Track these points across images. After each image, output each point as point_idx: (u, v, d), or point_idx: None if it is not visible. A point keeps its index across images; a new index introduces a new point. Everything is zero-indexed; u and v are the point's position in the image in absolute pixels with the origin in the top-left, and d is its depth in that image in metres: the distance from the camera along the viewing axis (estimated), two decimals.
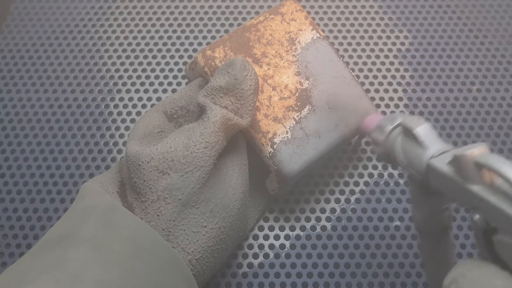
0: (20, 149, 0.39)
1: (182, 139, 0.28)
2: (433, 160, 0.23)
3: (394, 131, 0.27)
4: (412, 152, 0.25)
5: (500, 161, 0.20)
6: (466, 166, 0.21)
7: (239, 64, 0.30)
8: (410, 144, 0.25)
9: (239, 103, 0.30)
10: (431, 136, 0.25)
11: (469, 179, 0.21)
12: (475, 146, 0.21)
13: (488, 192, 0.20)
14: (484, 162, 0.20)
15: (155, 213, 0.28)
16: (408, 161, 0.25)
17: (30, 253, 0.27)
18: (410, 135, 0.25)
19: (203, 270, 0.29)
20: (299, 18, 0.35)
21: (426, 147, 0.24)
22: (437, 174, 0.23)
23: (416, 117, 0.26)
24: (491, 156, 0.20)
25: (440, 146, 0.24)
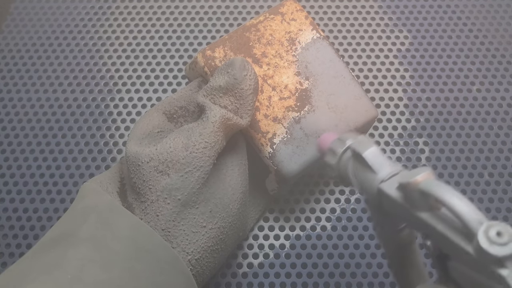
0: (20, 149, 0.39)
1: (181, 139, 0.28)
2: (383, 184, 0.23)
3: (345, 154, 0.26)
4: (362, 176, 0.24)
5: (443, 189, 0.19)
6: (412, 193, 0.21)
7: (238, 64, 0.30)
8: (360, 168, 0.24)
9: (239, 103, 0.30)
10: (379, 159, 0.24)
11: (416, 206, 0.21)
12: (420, 172, 0.21)
13: (435, 219, 0.20)
14: (427, 190, 0.20)
15: (154, 213, 0.28)
16: (359, 185, 0.25)
17: (30, 253, 0.27)
18: (359, 159, 0.24)
19: (202, 270, 0.29)
20: (299, 18, 0.35)
21: (375, 171, 0.23)
22: (388, 199, 0.22)
23: (364, 139, 0.25)
24: (434, 184, 0.20)
25: (389, 170, 0.23)
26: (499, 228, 0.17)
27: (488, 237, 0.17)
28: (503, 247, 0.17)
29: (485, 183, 0.38)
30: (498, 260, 0.17)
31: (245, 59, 0.30)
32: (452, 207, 0.19)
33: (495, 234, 0.17)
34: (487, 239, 0.17)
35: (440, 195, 0.19)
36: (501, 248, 0.17)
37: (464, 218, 0.18)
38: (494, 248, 0.17)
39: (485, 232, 0.17)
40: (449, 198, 0.19)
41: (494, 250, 0.17)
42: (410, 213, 0.21)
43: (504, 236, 0.17)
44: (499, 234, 0.17)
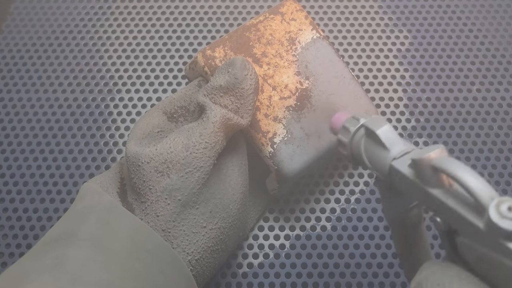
0: (20, 149, 0.39)
1: (181, 140, 0.28)
2: (395, 162, 0.23)
3: (358, 132, 0.26)
4: (375, 154, 0.24)
5: (455, 165, 0.19)
6: (424, 170, 0.21)
7: (239, 64, 0.30)
8: (373, 146, 0.25)
9: (239, 103, 0.30)
10: (392, 137, 0.24)
11: (428, 183, 0.21)
12: (433, 148, 0.21)
13: (446, 195, 0.20)
14: (440, 166, 0.20)
15: (154, 213, 0.28)
16: (371, 163, 0.25)
17: (30, 253, 0.27)
18: (373, 137, 0.25)
19: (203, 270, 0.29)
20: (299, 18, 0.35)
21: (388, 149, 0.24)
22: (399, 176, 0.23)
23: (378, 118, 0.25)
24: (447, 160, 0.20)
25: (401, 147, 0.24)
26: (511, 204, 0.18)
27: (499, 212, 0.18)
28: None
29: None
30: (508, 234, 0.17)
31: (246, 59, 0.30)
32: (464, 183, 0.19)
33: (506, 209, 0.17)
34: (498, 214, 0.18)
35: (453, 171, 0.19)
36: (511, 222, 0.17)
37: (476, 193, 0.18)
38: (504, 222, 0.17)
39: (496, 207, 0.18)
40: (462, 174, 0.19)
41: (505, 224, 0.17)
42: (421, 189, 0.21)
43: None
44: (510, 208, 0.17)
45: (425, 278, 0.20)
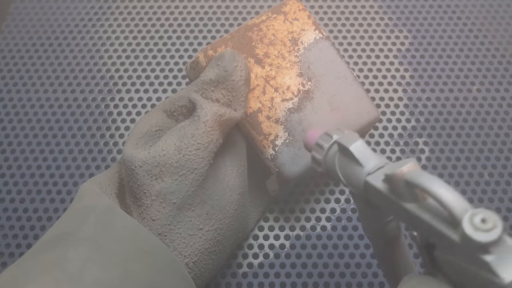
0: (20, 149, 0.39)
1: (173, 141, 0.28)
2: (369, 177, 0.23)
3: (331, 149, 0.26)
4: (349, 170, 0.24)
5: (428, 179, 0.19)
6: (397, 185, 0.21)
7: (228, 56, 0.29)
8: (347, 162, 0.25)
9: (231, 95, 0.29)
10: (366, 152, 0.24)
11: (402, 197, 0.21)
12: (406, 163, 0.21)
13: (421, 210, 0.20)
14: (412, 180, 0.20)
15: (150, 218, 0.28)
16: (346, 179, 0.25)
17: (30, 253, 0.27)
18: (346, 153, 0.24)
19: (201, 272, 0.29)
20: (302, 17, 0.34)
21: (361, 165, 0.24)
22: (375, 191, 0.23)
23: (350, 134, 0.25)
24: (420, 174, 0.20)
25: (375, 162, 0.24)
26: (484, 215, 0.18)
27: (473, 224, 0.18)
28: (488, 233, 0.17)
29: (485, 183, 0.38)
30: (483, 246, 0.17)
31: (235, 51, 0.30)
32: (437, 196, 0.19)
33: (479, 221, 0.17)
34: (472, 226, 0.18)
35: (426, 185, 0.19)
36: (485, 235, 0.17)
37: (450, 207, 0.18)
38: (478, 234, 0.17)
39: (470, 219, 0.18)
40: (434, 188, 0.19)
41: (479, 236, 0.17)
42: (396, 204, 0.21)
43: (488, 223, 0.17)
44: (484, 220, 0.17)
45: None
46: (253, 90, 0.32)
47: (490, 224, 0.17)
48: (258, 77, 0.33)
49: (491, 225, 0.17)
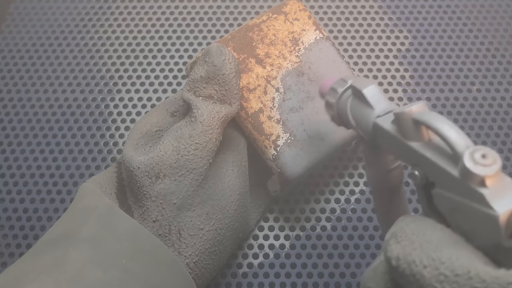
0: (20, 149, 0.39)
1: (171, 142, 0.28)
2: (378, 119, 0.24)
3: (345, 93, 0.27)
4: (360, 112, 0.25)
5: (435, 118, 0.20)
6: (405, 124, 0.22)
7: (214, 50, 0.29)
8: (359, 105, 0.26)
9: (224, 89, 0.29)
10: (378, 96, 0.25)
11: (409, 136, 0.22)
12: (415, 103, 0.22)
13: (425, 148, 0.21)
14: (420, 118, 0.21)
15: (151, 219, 0.28)
16: (356, 121, 0.26)
17: (30, 253, 0.27)
18: (359, 96, 0.25)
19: (201, 272, 0.29)
20: (303, 17, 0.34)
21: (372, 107, 0.25)
22: (382, 132, 0.24)
23: (365, 79, 0.26)
24: (427, 113, 0.21)
25: (385, 106, 0.25)
26: (485, 151, 0.18)
27: (473, 159, 0.18)
28: (487, 167, 0.18)
29: None
30: (481, 179, 0.18)
31: (221, 45, 0.30)
32: (442, 133, 0.20)
33: (480, 156, 0.18)
34: (472, 160, 0.18)
35: (432, 122, 0.20)
36: (484, 168, 0.18)
37: (452, 142, 0.19)
38: (478, 168, 0.18)
39: (471, 154, 0.18)
40: (440, 125, 0.20)
41: (478, 169, 0.18)
42: (402, 144, 0.22)
43: (488, 158, 0.18)
44: (484, 156, 0.18)
45: (400, 228, 0.20)
46: (254, 90, 0.32)
47: (489, 159, 0.18)
48: (259, 77, 0.33)
49: (491, 161, 0.18)
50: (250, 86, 0.32)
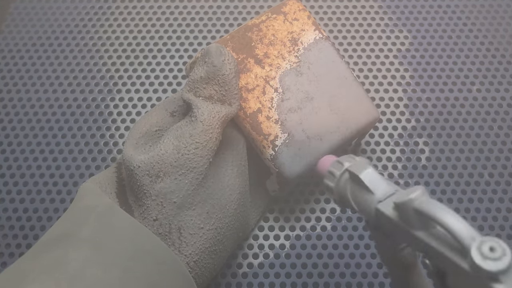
0: (20, 149, 0.39)
1: (172, 141, 0.28)
2: (380, 205, 0.23)
3: (343, 176, 0.26)
4: (360, 197, 0.25)
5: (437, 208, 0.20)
6: (407, 212, 0.21)
7: (214, 51, 0.29)
8: (358, 189, 0.25)
9: (224, 90, 0.29)
10: (376, 180, 0.24)
11: (412, 225, 0.21)
12: (414, 190, 0.21)
13: (431, 237, 0.21)
14: (421, 209, 0.20)
15: (151, 218, 0.28)
16: (358, 206, 0.25)
17: (30, 253, 0.27)
18: (357, 180, 0.25)
19: (201, 272, 0.29)
20: (302, 18, 0.34)
21: (372, 192, 0.24)
22: (386, 219, 0.23)
23: (361, 161, 0.25)
24: (428, 203, 0.20)
25: (385, 190, 0.24)
26: (492, 244, 0.18)
27: (482, 253, 0.18)
28: (497, 261, 0.17)
29: (485, 183, 0.38)
30: (493, 275, 0.17)
31: (220, 45, 0.30)
32: (445, 225, 0.19)
33: (488, 250, 0.17)
34: (480, 255, 0.18)
35: (434, 213, 0.20)
36: (494, 263, 0.17)
37: (458, 235, 0.19)
38: (487, 263, 0.17)
39: (478, 248, 0.18)
40: (442, 216, 0.19)
41: (488, 265, 0.17)
42: (407, 232, 0.21)
43: (497, 251, 0.17)
44: (492, 249, 0.17)
45: None
46: (253, 90, 0.32)
47: (499, 252, 0.17)
48: (258, 78, 0.33)
49: (500, 254, 0.17)
50: (249, 86, 0.32)
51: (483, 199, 0.37)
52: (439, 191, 0.37)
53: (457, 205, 0.37)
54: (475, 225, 0.36)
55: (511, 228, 0.36)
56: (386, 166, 0.38)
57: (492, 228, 0.36)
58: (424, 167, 0.38)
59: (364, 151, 0.39)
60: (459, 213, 0.36)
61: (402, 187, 0.37)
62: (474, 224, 0.36)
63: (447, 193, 0.37)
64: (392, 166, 0.38)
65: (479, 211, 0.37)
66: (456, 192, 0.37)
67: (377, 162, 0.38)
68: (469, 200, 0.37)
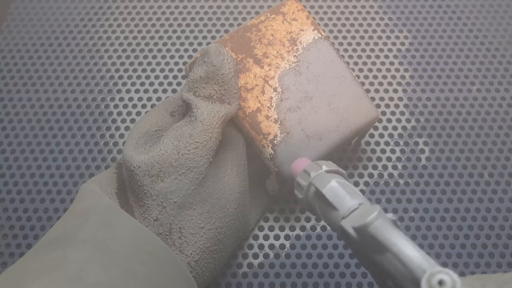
0: (20, 149, 0.39)
1: (172, 141, 0.28)
2: (344, 222, 0.22)
3: (310, 188, 0.25)
4: (327, 212, 0.23)
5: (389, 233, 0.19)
6: (365, 235, 0.20)
7: (213, 51, 0.29)
8: (323, 203, 0.24)
9: (223, 89, 0.29)
10: (339, 194, 0.23)
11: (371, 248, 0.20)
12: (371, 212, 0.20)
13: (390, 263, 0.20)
14: (375, 234, 0.20)
15: (152, 218, 0.28)
16: (326, 221, 0.24)
17: (30, 253, 0.27)
18: (320, 195, 0.24)
19: (202, 271, 0.29)
20: (301, 18, 0.34)
21: (335, 208, 0.23)
22: (350, 238, 0.22)
23: (324, 175, 0.24)
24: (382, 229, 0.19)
25: (349, 204, 0.22)
26: (442, 276, 0.17)
27: (431, 286, 0.17)
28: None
29: (485, 183, 0.38)
30: None
31: (219, 45, 0.30)
32: (396, 254, 0.19)
33: (437, 283, 0.17)
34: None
35: (387, 240, 0.19)
36: None
37: (408, 266, 0.18)
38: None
39: (427, 281, 0.17)
40: (395, 244, 0.19)
41: None
42: (367, 254, 0.21)
43: (446, 285, 0.17)
44: (441, 283, 0.17)
45: None
46: (252, 90, 0.32)
47: (448, 286, 0.17)
48: (257, 77, 0.33)
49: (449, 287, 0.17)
50: (248, 86, 0.32)
51: (483, 199, 0.37)
52: (439, 191, 0.37)
53: (457, 205, 0.37)
54: (475, 225, 0.36)
55: (511, 228, 0.36)
56: (386, 166, 0.38)
57: (492, 228, 0.36)
58: (424, 167, 0.38)
59: (364, 151, 0.39)
60: (459, 213, 0.36)
61: (396, 185, 0.37)
62: (474, 224, 0.36)
63: (447, 193, 0.37)
64: (392, 166, 0.38)
65: (479, 211, 0.37)
66: (456, 192, 0.37)
67: (377, 162, 0.38)
68: (469, 200, 0.37)
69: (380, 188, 0.37)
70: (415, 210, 0.37)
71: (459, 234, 0.36)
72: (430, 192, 0.37)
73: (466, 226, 0.36)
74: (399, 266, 0.19)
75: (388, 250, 0.19)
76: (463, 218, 0.36)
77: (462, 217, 0.36)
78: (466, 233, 0.36)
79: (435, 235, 0.36)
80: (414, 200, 0.37)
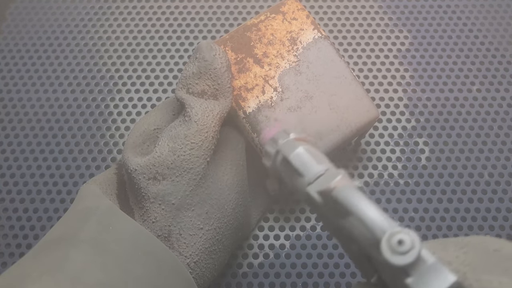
0: (20, 149, 0.39)
1: (167, 143, 0.28)
2: (309, 188, 0.22)
3: (278, 155, 0.24)
4: (292, 179, 0.23)
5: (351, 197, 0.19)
6: (329, 200, 0.20)
7: (204, 46, 0.29)
8: (290, 170, 0.23)
9: (216, 84, 0.29)
10: (305, 161, 0.23)
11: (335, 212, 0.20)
12: (335, 176, 0.20)
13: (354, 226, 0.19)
14: (337, 197, 0.19)
15: (151, 220, 0.28)
16: (293, 188, 0.24)
17: (31, 254, 0.27)
18: (287, 162, 0.23)
19: (202, 272, 0.29)
20: (301, 17, 0.34)
21: (302, 174, 0.22)
22: (315, 204, 0.22)
23: (291, 142, 0.24)
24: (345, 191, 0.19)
25: (315, 170, 0.22)
26: (401, 236, 0.17)
27: (391, 246, 0.17)
28: (404, 256, 0.17)
29: (485, 183, 0.38)
30: (402, 269, 0.17)
31: (211, 41, 0.30)
32: (358, 216, 0.18)
33: (396, 243, 0.17)
34: (389, 249, 0.17)
35: (349, 202, 0.19)
36: (402, 257, 0.17)
37: (369, 227, 0.18)
38: (395, 257, 0.17)
39: (387, 241, 0.17)
40: (356, 206, 0.19)
41: (396, 259, 0.17)
42: (331, 219, 0.21)
43: (405, 244, 0.17)
44: (401, 242, 0.17)
45: None
46: (252, 89, 0.32)
47: (407, 245, 0.17)
48: (257, 77, 0.33)
49: (408, 247, 0.17)
50: (248, 85, 0.32)
51: (483, 199, 0.37)
52: (439, 191, 0.37)
53: (457, 205, 0.37)
54: (475, 225, 0.36)
55: (511, 228, 0.36)
56: (386, 166, 0.38)
57: (492, 228, 0.36)
58: (424, 167, 0.38)
59: (364, 151, 0.39)
60: (459, 213, 0.36)
61: (396, 185, 0.37)
62: (474, 224, 0.36)
63: (447, 193, 0.37)
64: (392, 166, 0.38)
65: (479, 211, 0.37)
66: (456, 192, 0.37)
67: (377, 162, 0.38)
68: (469, 200, 0.37)
69: (380, 188, 0.37)
70: (415, 210, 0.37)
71: (459, 234, 0.36)
72: (430, 192, 0.37)
73: (466, 226, 0.36)
74: (362, 229, 0.19)
75: (351, 213, 0.19)
76: (463, 218, 0.36)
77: (462, 217, 0.36)
78: (466, 233, 0.36)
79: (435, 235, 0.36)
80: (414, 200, 0.37)
